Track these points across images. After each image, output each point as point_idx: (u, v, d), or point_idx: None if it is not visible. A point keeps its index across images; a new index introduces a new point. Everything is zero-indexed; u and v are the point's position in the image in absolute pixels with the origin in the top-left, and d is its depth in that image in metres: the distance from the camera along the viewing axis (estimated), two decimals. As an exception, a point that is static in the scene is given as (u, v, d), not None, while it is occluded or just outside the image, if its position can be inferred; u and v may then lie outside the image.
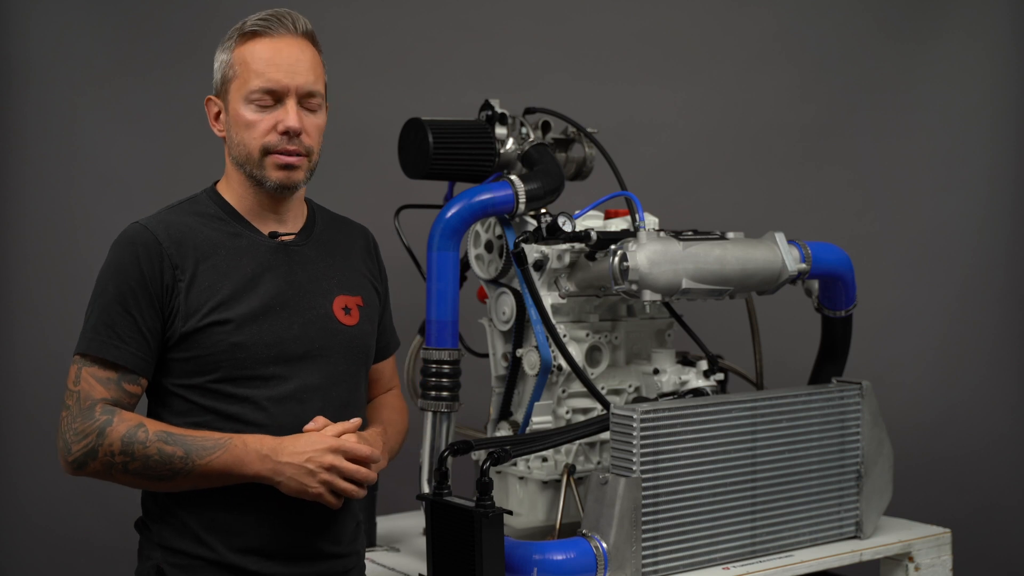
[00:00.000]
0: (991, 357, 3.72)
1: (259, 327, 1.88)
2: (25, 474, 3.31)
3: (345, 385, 1.97)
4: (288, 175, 1.91)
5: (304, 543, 1.92)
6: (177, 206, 1.98)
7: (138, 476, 1.81)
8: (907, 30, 3.73)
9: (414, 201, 2.66)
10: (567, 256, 2.49)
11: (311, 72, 1.91)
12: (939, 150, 3.76)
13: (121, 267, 1.86)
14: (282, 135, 1.89)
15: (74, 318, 3.49)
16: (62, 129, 3.35)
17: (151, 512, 1.94)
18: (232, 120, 1.92)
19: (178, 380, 1.88)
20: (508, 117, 2.61)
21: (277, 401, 1.88)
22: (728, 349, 2.80)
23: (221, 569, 1.88)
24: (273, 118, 1.89)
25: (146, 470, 1.79)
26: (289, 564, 1.91)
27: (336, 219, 2.12)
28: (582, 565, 2.10)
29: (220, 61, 1.95)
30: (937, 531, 2.61)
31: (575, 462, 2.50)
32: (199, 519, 1.87)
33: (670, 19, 3.72)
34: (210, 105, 1.97)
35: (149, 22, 3.42)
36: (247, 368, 1.86)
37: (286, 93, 1.89)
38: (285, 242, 1.97)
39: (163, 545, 1.90)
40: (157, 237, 1.87)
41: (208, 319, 1.85)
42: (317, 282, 1.97)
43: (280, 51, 1.89)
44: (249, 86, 1.89)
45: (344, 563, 2.00)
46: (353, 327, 1.99)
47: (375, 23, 3.49)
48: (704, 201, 3.63)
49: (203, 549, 1.87)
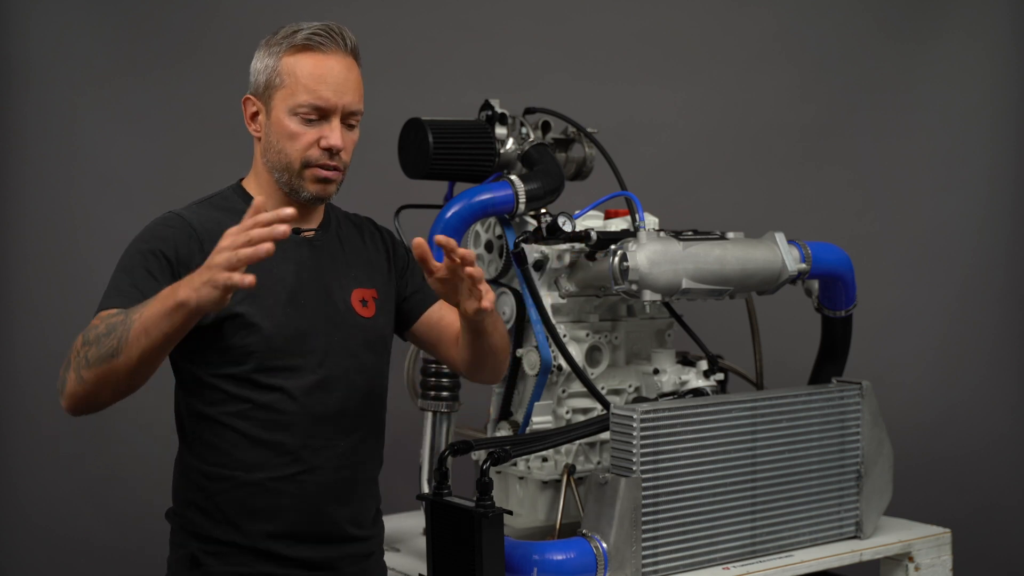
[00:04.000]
0: (991, 357, 3.72)
1: (286, 319, 1.92)
2: (25, 474, 3.31)
3: (366, 375, 2.01)
4: (324, 188, 1.96)
5: (331, 526, 1.96)
6: (206, 201, 2.01)
7: (98, 364, 1.72)
8: (907, 30, 3.74)
9: (414, 201, 2.66)
10: (567, 256, 2.49)
11: (356, 92, 1.95)
12: (939, 150, 3.76)
13: (151, 238, 1.88)
14: (323, 151, 1.93)
15: (74, 318, 3.48)
16: (62, 129, 3.35)
17: (183, 500, 1.97)
18: (274, 127, 1.95)
19: (213, 370, 1.91)
20: (508, 117, 2.61)
21: (307, 391, 1.92)
22: (728, 349, 2.80)
23: (255, 555, 1.92)
24: (317, 133, 1.93)
25: (100, 351, 1.71)
26: (318, 547, 1.95)
27: (348, 216, 2.17)
28: (582, 565, 2.10)
29: (265, 65, 1.96)
30: (937, 531, 2.61)
31: (575, 462, 2.50)
32: (232, 505, 1.91)
33: (670, 19, 3.72)
34: (248, 105, 1.99)
35: (149, 22, 3.42)
36: (277, 359, 1.90)
37: (333, 111, 1.93)
38: (307, 237, 2.01)
39: (197, 533, 1.94)
40: (191, 223, 1.91)
41: (236, 309, 1.88)
42: (337, 276, 2.02)
43: (331, 69, 1.93)
44: (297, 99, 1.92)
45: (367, 545, 2.04)
46: (370, 319, 2.03)
47: (375, 23, 3.49)
48: (704, 201, 3.63)
49: (237, 535, 1.91)
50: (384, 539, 2.12)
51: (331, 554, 1.96)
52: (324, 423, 1.94)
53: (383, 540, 2.13)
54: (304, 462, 1.91)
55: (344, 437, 1.95)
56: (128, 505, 3.26)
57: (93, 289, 1.92)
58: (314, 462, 1.92)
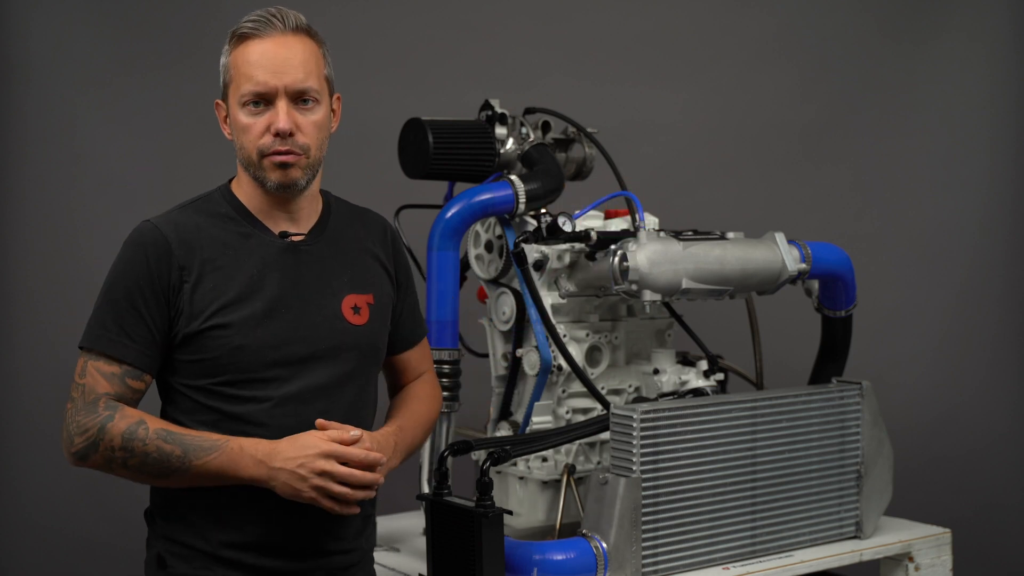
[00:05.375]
0: (991, 357, 3.72)
1: (263, 330, 1.89)
2: (25, 473, 3.31)
3: (353, 385, 1.98)
4: (285, 174, 1.91)
5: (304, 540, 1.92)
6: (190, 204, 1.98)
7: (137, 472, 1.83)
8: (907, 30, 3.73)
9: (414, 201, 2.66)
10: (567, 256, 2.49)
11: (300, 69, 1.89)
12: (939, 150, 3.76)
13: (130, 265, 1.88)
14: (275, 137, 1.89)
15: (74, 318, 3.48)
16: (62, 129, 3.35)
17: (156, 503, 1.97)
18: (233, 124, 1.93)
19: (184, 380, 1.90)
20: (508, 117, 2.61)
21: (280, 403, 1.89)
22: (728, 349, 2.80)
23: (218, 561, 1.89)
24: (266, 120, 1.89)
25: (144, 467, 1.81)
26: (288, 560, 1.92)
27: (355, 211, 2.11)
28: (582, 565, 2.10)
29: (221, 65, 1.96)
30: (937, 531, 2.61)
31: (575, 462, 2.50)
32: (200, 512, 1.89)
33: (670, 19, 3.72)
34: (219, 109, 1.98)
35: (149, 22, 3.42)
36: (250, 371, 1.87)
37: (275, 94, 1.88)
38: (295, 242, 1.97)
39: (165, 536, 1.93)
40: (166, 236, 1.89)
41: (211, 322, 1.86)
42: (326, 281, 1.97)
43: (266, 52, 1.89)
44: (241, 90, 1.90)
45: (346, 559, 2.00)
46: (362, 326, 1.99)
47: (375, 23, 3.49)
48: (704, 201, 3.63)
49: (201, 542, 1.90)
50: (380, 542, 2.10)
51: (302, 566, 1.92)
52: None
53: (372, 549, 2.10)
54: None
55: None
56: (128, 505, 3.25)
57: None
58: None
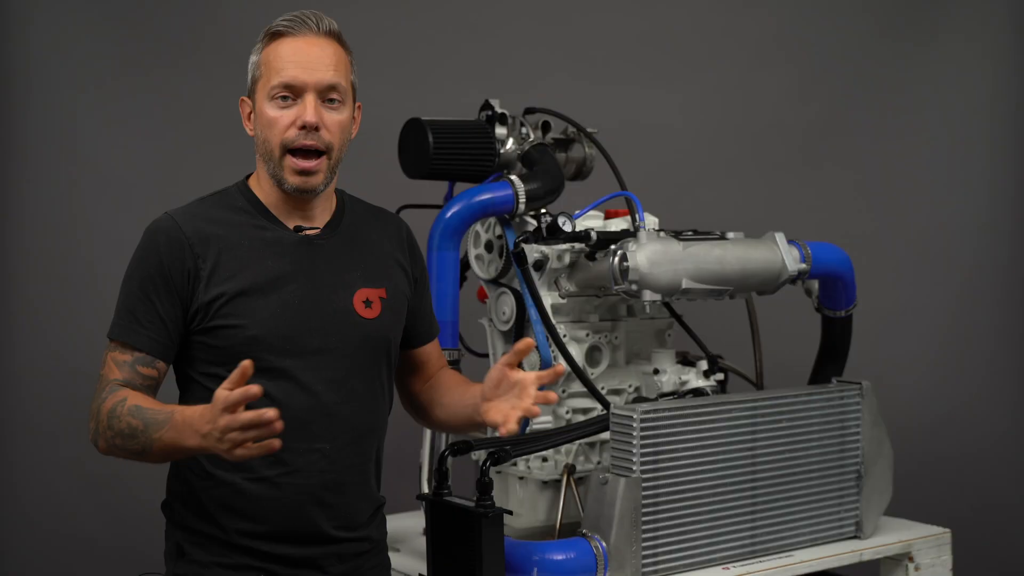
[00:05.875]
0: (991, 357, 3.71)
1: (275, 321, 1.92)
2: (26, 474, 3.31)
3: (363, 377, 2.00)
4: (305, 180, 1.95)
5: (314, 528, 1.95)
6: (208, 198, 2.03)
7: (124, 450, 1.85)
8: (907, 30, 3.73)
9: (414, 201, 2.66)
10: (567, 256, 2.49)
11: (331, 68, 1.94)
12: (939, 150, 3.75)
13: (145, 255, 1.93)
14: (300, 130, 1.93)
15: (74, 318, 3.48)
16: (63, 129, 3.35)
17: (173, 492, 2.00)
18: (259, 119, 1.97)
19: (200, 369, 1.94)
20: (508, 117, 2.61)
21: (291, 393, 1.91)
22: (728, 349, 2.80)
23: (234, 548, 1.93)
24: (293, 114, 1.93)
25: (125, 443, 1.83)
26: (299, 547, 1.95)
27: (370, 210, 2.15)
28: (582, 565, 2.10)
29: (250, 63, 2.00)
30: (937, 531, 2.61)
31: (575, 462, 2.50)
32: (213, 501, 1.93)
33: (670, 19, 3.72)
34: (243, 105, 2.02)
35: (149, 22, 3.42)
36: (263, 361, 1.89)
37: (304, 88, 1.93)
38: (309, 236, 2.00)
39: (183, 525, 1.97)
40: (181, 227, 1.93)
41: (225, 312, 1.90)
42: (339, 276, 2.00)
43: (299, 49, 1.94)
44: (271, 83, 1.94)
45: (358, 545, 2.02)
46: (373, 320, 2.01)
47: (375, 23, 3.49)
48: (704, 201, 3.63)
49: (217, 530, 1.94)
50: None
51: (312, 553, 1.96)
52: (309, 426, 1.92)
53: (384, 539, 2.12)
54: (285, 464, 1.91)
55: (332, 440, 1.94)
56: (128, 505, 3.26)
57: (93, 289, 1.93)
58: (296, 465, 1.92)
